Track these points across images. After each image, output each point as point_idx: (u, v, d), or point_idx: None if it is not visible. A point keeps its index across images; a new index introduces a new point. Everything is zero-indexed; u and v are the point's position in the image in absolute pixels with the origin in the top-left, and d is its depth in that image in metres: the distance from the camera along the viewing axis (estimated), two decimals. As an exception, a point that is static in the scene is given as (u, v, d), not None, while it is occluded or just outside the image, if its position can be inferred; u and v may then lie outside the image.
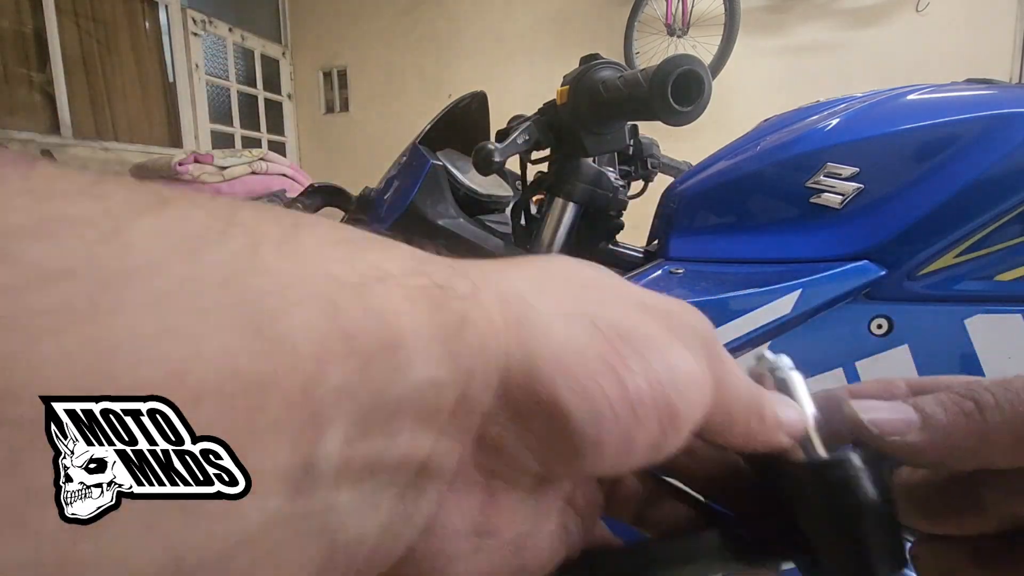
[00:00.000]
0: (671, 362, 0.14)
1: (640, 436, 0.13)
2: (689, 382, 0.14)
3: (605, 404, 0.13)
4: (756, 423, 0.16)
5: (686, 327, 0.15)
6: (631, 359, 0.13)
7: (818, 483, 0.16)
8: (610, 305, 0.14)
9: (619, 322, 0.14)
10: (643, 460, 0.14)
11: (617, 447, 0.13)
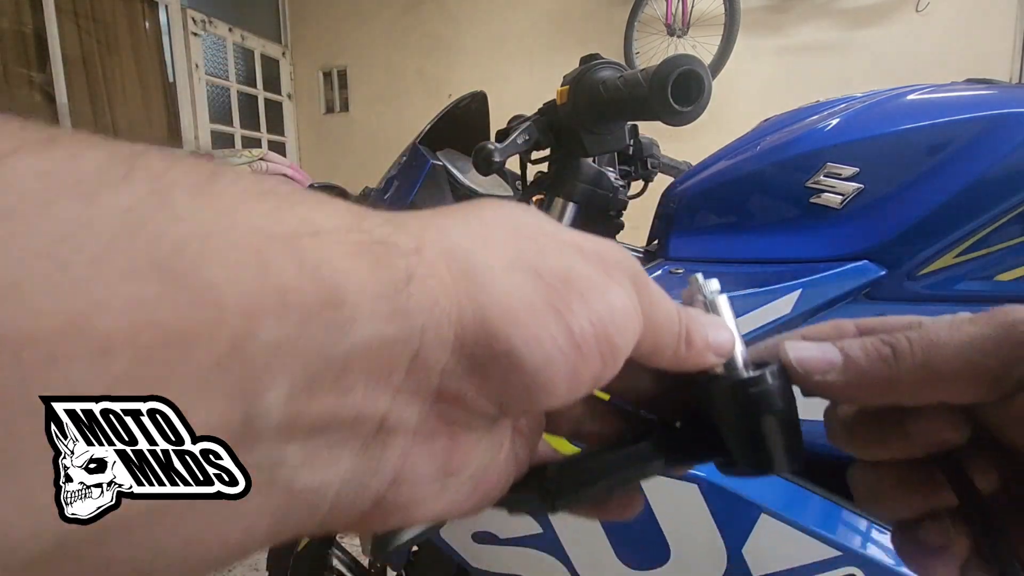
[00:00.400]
0: (608, 300, 0.15)
1: (585, 371, 0.14)
2: (624, 317, 0.15)
3: (555, 348, 0.13)
4: (684, 347, 0.17)
5: (617, 265, 0.16)
6: (574, 302, 0.14)
7: (735, 397, 0.18)
8: (549, 251, 0.15)
9: (559, 268, 0.14)
10: (588, 390, 0.15)
11: (567, 384, 0.14)
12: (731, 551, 0.51)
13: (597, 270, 0.15)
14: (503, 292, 0.13)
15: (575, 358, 0.14)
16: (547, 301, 0.14)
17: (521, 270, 0.14)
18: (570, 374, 0.14)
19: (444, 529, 0.61)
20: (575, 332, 0.14)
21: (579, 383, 0.14)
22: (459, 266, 0.13)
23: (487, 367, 0.13)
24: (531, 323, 0.13)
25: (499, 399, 0.14)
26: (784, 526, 0.50)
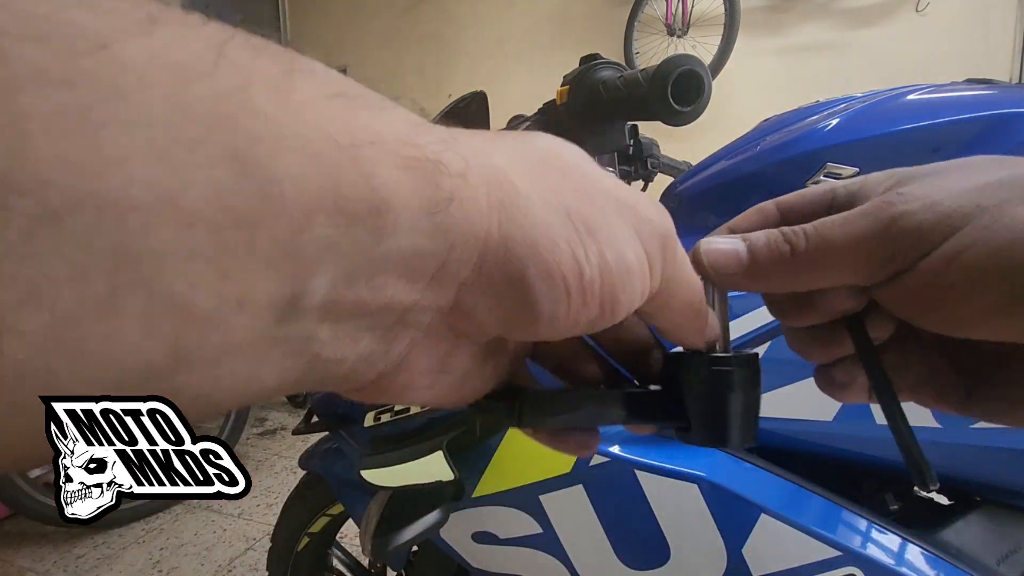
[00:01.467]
0: (624, 255, 0.16)
1: (584, 315, 0.15)
2: (634, 275, 0.16)
3: (563, 288, 0.15)
4: (692, 319, 0.19)
5: (647, 222, 0.17)
6: (591, 250, 0.15)
7: (704, 372, 0.20)
8: (584, 195, 0.16)
9: (588, 213, 0.15)
10: (582, 332, 0.16)
11: (565, 322, 0.15)
12: (731, 551, 0.51)
13: (625, 223, 0.16)
14: (531, 225, 0.14)
15: (578, 301, 0.15)
16: (568, 242, 0.15)
17: (554, 209, 0.15)
18: (571, 314, 0.15)
19: (444, 529, 0.61)
20: (585, 277, 0.15)
21: (576, 324, 0.16)
22: (497, 194, 0.14)
23: (500, 290, 0.15)
24: (549, 260, 0.14)
25: (504, 322, 0.15)
26: (784, 526, 0.50)
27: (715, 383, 0.20)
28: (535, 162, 0.16)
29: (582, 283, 0.15)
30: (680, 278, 0.18)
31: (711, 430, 0.20)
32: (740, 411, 0.20)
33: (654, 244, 0.16)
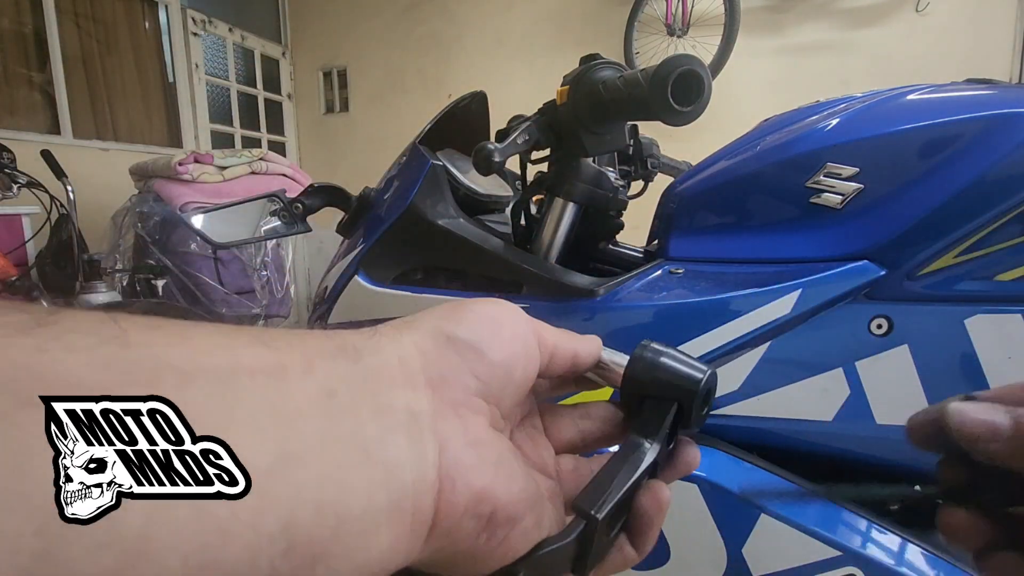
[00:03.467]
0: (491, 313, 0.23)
1: (499, 330, 0.22)
2: (503, 315, 0.23)
3: (473, 324, 0.22)
4: (572, 358, 0.25)
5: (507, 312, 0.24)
6: (459, 315, 0.23)
7: (636, 362, 0.25)
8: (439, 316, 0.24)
9: (455, 314, 0.23)
10: (522, 350, 0.23)
11: (497, 339, 0.22)
12: (731, 551, 0.51)
13: (483, 314, 0.23)
14: (425, 321, 0.22)
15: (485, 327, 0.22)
16: (445, 318, 0.22)
17: (431, 314, 0.23)
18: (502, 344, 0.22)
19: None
20: (480, 319, 0.22)
21: (509, 345, 0.22)
22: (398, 322, 0.22)
23: (444, 351, 0.21)
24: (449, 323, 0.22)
25: (465, 368, 0.21)
26: (784, 526, 0.50)
27: (646, 369, 0.25)
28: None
29: (480, 319, 0.22)
30: (552, 338, 0.25)
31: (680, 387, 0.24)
32: (673, 368, 0.25)
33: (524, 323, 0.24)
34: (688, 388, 0.24)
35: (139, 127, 3.42)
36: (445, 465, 0.19)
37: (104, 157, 3.16)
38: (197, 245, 2.51)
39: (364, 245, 0.73)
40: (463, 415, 0.20)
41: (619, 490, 0.21)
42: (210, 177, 2.62)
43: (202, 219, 0.74)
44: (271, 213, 0.77)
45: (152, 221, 2.55)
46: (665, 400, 0.25)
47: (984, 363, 0.48)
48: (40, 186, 2.22)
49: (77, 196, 2.36)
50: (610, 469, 0.22)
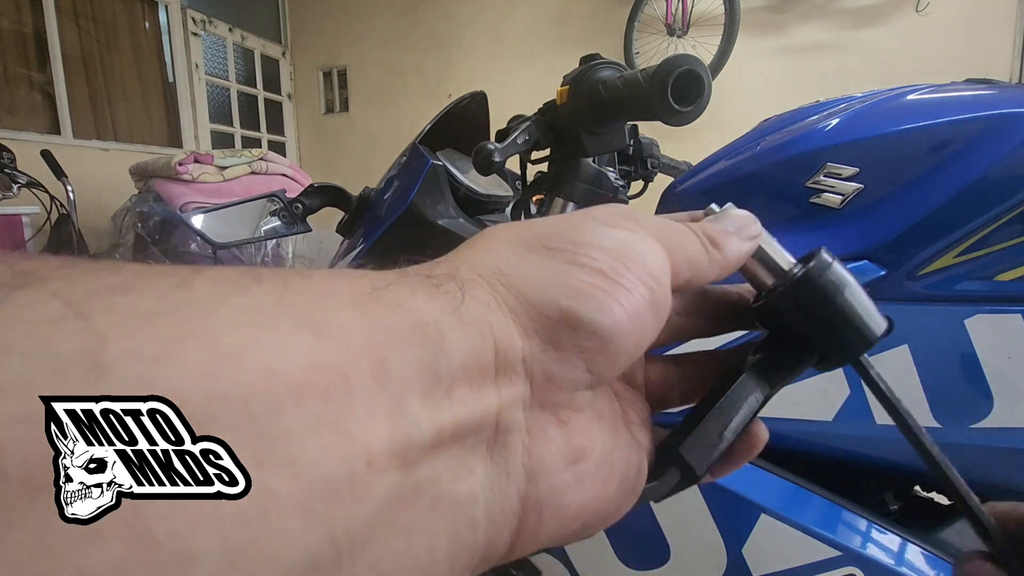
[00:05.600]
0: (614, 236, 0.16)
1: (637, 298, 0.15)
2: (633, 241, 0.17)
3: (596, 288, 0.15)
4: (713, 249, 0.19)
5: (612, 214, 0.17)
6: (584, 252, 0.16)
7: (804, 293, 0.19)
8: (544, 227, 0.17)
9: (557, 233, 0.16)
10: (654, 321, 0.16)
11: (627, 315, 0.15)
12: (731, 551, 0.51)
13: (598, 224, 0.17)
14: (525, 271, 0.15)
15: (612, 287, 0.15)
16: (563, 263, 0.16)
17: (533, 252, 0.16)
18: (624, 306, 0.15)
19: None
20: (606, 269, 0.15)
21: (640, 314, 0.16)
22: (486, 268, 0.16)
23: (553, 334, 0.15)
24: (560, 284, 0.15)
25: (582, 359, 0.15)
26: (784, 526, 0.50)
27: (818, 296, 0.19)
28: (490, 238, 0.17)
29: (606, 275, 0.15)
30: (670, 233, 0.18)
31: (847, 341, 0.19)
32: (858, 302, 0.19)
33: (629, 222, 0.17)
34: (861, 342, 0.19)
35: (139, 127, 3.42)
36: (533, 495, 0.15)
37: (104, 157, 3.17)
38: (197, 245, 2.51)
39: (364, 245, 0.73)
40: (566, 420, 0.16)
41: (726, 443, 0.19)
42: (210, 177, 2.62)
43: (202, 219, 0.74)
44: (271, 213, 0.77)
45: (152, 221, 2.55)
46: (819, 340, 0.19)
47: (984, 363, 0.48)
48: (40, 186, 2.22)
49: (77, 196, 2.36)
50: (719, 415, 0.19)
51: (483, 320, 0.14)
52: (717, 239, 0.19)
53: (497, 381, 0.14)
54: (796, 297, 0.19)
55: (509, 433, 0.15)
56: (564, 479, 0.16)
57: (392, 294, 0.14)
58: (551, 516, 0.15)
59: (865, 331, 0.19)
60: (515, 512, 0.15)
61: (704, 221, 0.20)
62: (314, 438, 0.11)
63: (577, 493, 0.16)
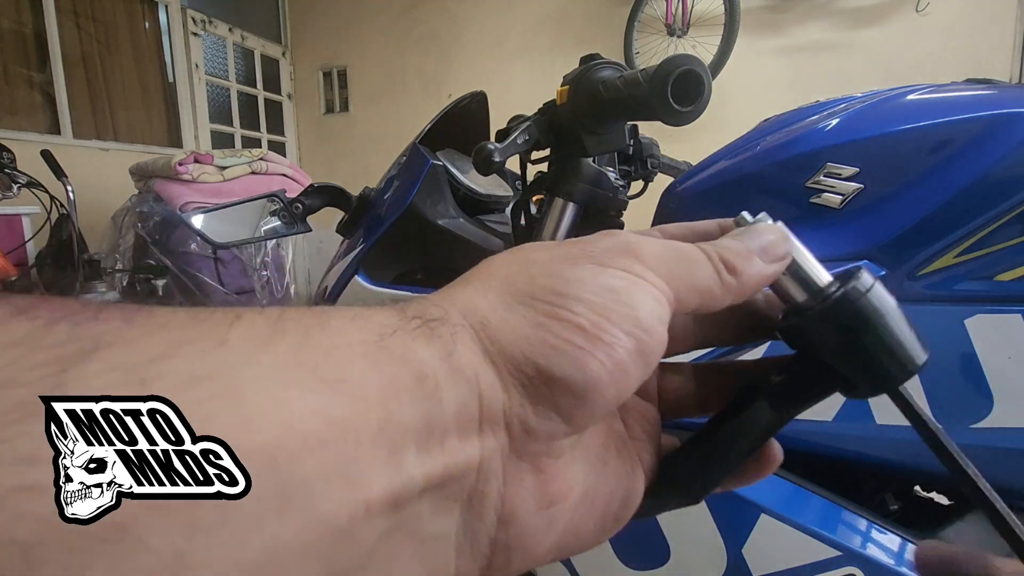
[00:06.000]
0: (602, 283, 0.16)
1: (618, 350, 0.15)
2: (622, 288, 0.16)
3: (566, 347, 0.15)
4: (728, 275, 0.17)
5: (606, 252, 0.17)
6: (565, 305, 0.16)
7: (836, 318, 0.17)
8: (538, 274, 0.17)
9: (548, 285, 0.16)
10: (641, 367, 0.16)
11: (608, 369, 0.15)
12: (731, 551, 0.51)
13: (589, 263, 0.16)
14: (511, 328, 0.16)
15: (590, 345, 0.15)
16: (544, 316, 0.16)
17: (518, 303, 0.16)
18: (604, 360, 0.15)
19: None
20: (585, 323, 0.15)
21: (622, 364, 0.15)
22: (475, 317, 0.16)
23: (533, 390, 0.15)
24: (538, 341, 0.15)
25: (558, 411, 0.15)
26: (784, 526, 0.50)
27: (849, 323, 0.17)
28: (486, 276, 0.17)
29: (585, 330, 0.15)
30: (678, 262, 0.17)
31: (877, 374, 0.17)
32: (898, 334, 0.17)
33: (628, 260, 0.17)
34: (898, 374, 0.17)
35: (139, 127, 3.42)
36: (502, 540, 0.16)
37: (104, 157, 3.17)
38: (197, 245, 2.51)
39: (364, 245, 0.73)
40: (543, 468, 0.16)
41: (728, 470, 0.18)
42: (210, 177, 2.62)
43: (202, 219, 0.74)
44: (271, 213, 0.77)
45: (152, 221, 2.55)
46: (851, 369, 0.17)
47: (984, 363, 0.48)
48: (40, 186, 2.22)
49: (77, 196, 2.36)
50: (729, 440, 0.18)
51: (471, 370, 0.15)
52: (735, 264, 0.17)
53: (481, 432, 0.15)
54: (831, 321, 0.17)
55: (487, 481, 0.15)
56: (536, 524, 0.16)
57: (397, 343, 0.14)
58: (520, 557, 0.16)
59: (905, 362, 0.17)
60: (484, 554, 0.16)
61: (726, 238, 0.19)
62: (325, 487, 0.12)
63: (548, 535, 0.16)
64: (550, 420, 0.15)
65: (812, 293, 0.18)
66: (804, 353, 0.19)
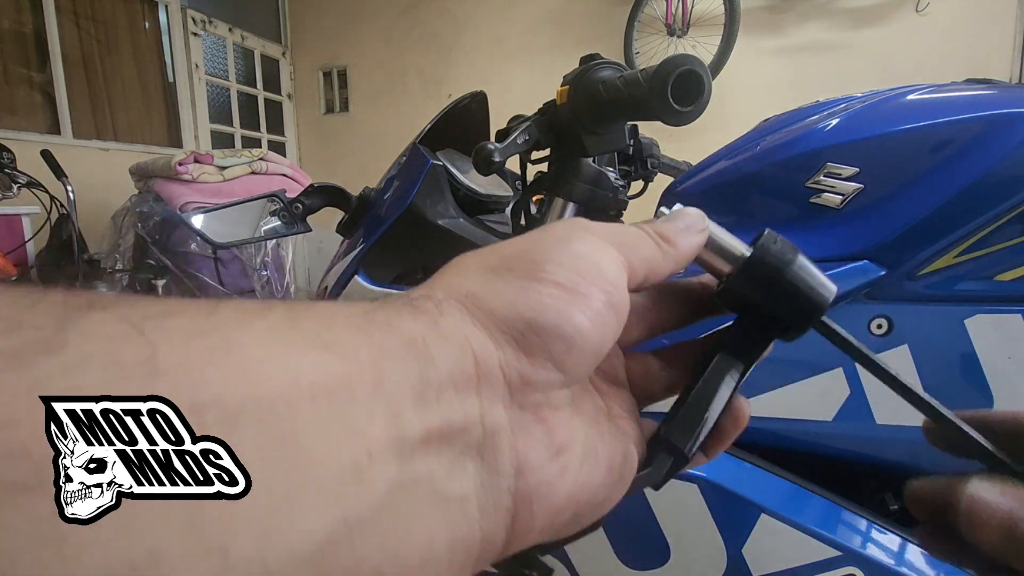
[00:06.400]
0: (570, 250, 0.18)
1: (596, 300, 0.17)
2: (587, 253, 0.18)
3: (551, 301, 0.17)
4: (665, 244, 0.21)
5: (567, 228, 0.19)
6: (541, 269, 0.17)
7: (757, 270, 0.21)
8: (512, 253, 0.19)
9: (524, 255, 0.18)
10: (613, 320, 0.18)
11: (589, 316, 0.17)
12: (731, 551, 0.51)
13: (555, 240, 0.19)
14: (495, 293, 0.17)
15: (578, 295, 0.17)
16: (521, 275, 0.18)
17: (497, 274, 0.18)
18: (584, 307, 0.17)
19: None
20: (563, 279, 0.17)
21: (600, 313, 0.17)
22: (458, 291, 0.18)
23: (523, 341, 0.17)
24: (521, 296, 0.17)
25: (552, 360, 0.17)
26: (784, 526, 0.50)
27: (769, 271, 0.21)
28: (462, 260, 0.19)
29: (564, 286, 0.17)
30: (623, 234, 0.20)
31: (804, 307, 0.21)
32: (807, 270, 0.21)
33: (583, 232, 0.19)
34: (814, 307, 0.21)
35: (139, 127, 3.42)
36: (522, 489, 0.16)
37: (104, 157, 3.17)
38: (197, 245, 2.51)
39: (364, 245, 0.73)
40: (546, 417, 0.17)
41: (710, 422, 0.20)
42: (210, 177, 2.62)
43: (202, 219, 0.74)
44: (271, 213, 0.77)
45: (152, 221, 2.55)
46: (777, 315, 0.21)
47: (984, 363, 0.48)
48: (40, 186, 2.22)
49: (77, 196, 2.36)
50: (700, 396, 0.20)
51: (460, 333, 0.16)
52: (669, 236, 0.21)
53: (479, 386, 0.16)
54: (749, 276, 0.21)
55: (496, 435, 0.16)
56: (550, 472, 0.17)
57: (382, 315, 0.16)
58: (541, 508, 0.17)
59: (817, 296, 0.21)
60: (507, 507, 0.16)
61: (656, 222, 0.22)
62: (325, 433, 0.12)
63: (563, 483, 0.17)
64: (545, 369, 0.17)
65: (733, 262, 0.21)
66: (742, 311, 0.22)
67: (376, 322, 0.15)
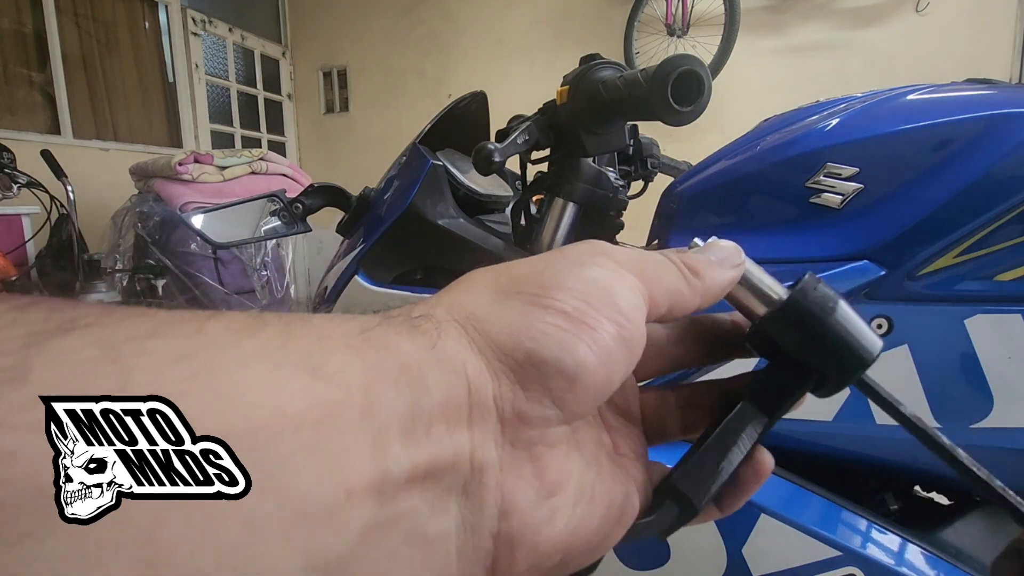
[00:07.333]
0: (583, 275, 0.17)
1: (603, 336, 0.16)
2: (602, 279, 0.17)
3: (554, 331, 0.16)
4: (693, 277, 0.19)
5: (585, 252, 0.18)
6: (549, 295, 0.16)
7: (794, 315, 0.19)
8: (518, 270, 0.17)
9: (529, 275, 0.17)
10: (623, 356, 0.16)
11: (594, 353, 0.16)
12: (731, 551, 0.51)
13: (570, 264, 0.17)
14: (497, 318, 0.16)
15: (577, 329, 0.16)
16: (532, 302, 0.16)
17: (503, 297, 0.17)
18: (590, 344, 0.16)
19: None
20: (569, 310, 0.16)
21: (608, 350, 0.16)
22: (460, 312, 0.16)
23: (524, 375, 0.15)
24: (525, 327, 0.16)
25: (551, 396, 0.16)
26: (784, 526, 0.50)
27: (809, 318, 0.19)
28: (470, 281, 0.18)
29: (569, 316, 0.16)
30: (649, 263, 0.18)
31: (844, 360, 0.19)
32: (850, 320, 0.19)
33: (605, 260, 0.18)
34: (857, 361, 0.19)
35: (139, 127, 3.42)
36: (505, 532, 0.15)
37: (104, 157, 3.17)
38: (197, 245, 2.51)
39: (364, 245, 0.73)
40: (539, 456, 0.16)
41: (725, 474, 0.19)
42: (210, 177, 2.62)
43: (202, 219, 0.74)
44: (271, 213, 0.77)
45: (152, 221, 2.55)
46: (813, 366, 0.19)
47: (984, 363, 0.48)
48: (40, 186, 2.22)
49: (77, 196, 2.36)
50: (717, 445, 0.19)
51: (457, 359, 0.15)
52: (698, 268, 0.19)
53: (471, 419, 0.15)
54: (786, 320, 0.19)
55: (484, 472, 0.15)
56: (538, 515, 0.16)
57: (379, 335, 0.15)
58: (524, 553, 0.16)
59: (860, 349, 0.19)
60: (488, 550, 0.15)
61: (687, 252, 0.20)
62: (305, 468, 0.12)
63: (552, 527, 0.16)
64: (542, 405, 0.16)
65: (770, 303, 0.20)
66: (774, 358, 0.20)
67: (372, 342, 0.14)
